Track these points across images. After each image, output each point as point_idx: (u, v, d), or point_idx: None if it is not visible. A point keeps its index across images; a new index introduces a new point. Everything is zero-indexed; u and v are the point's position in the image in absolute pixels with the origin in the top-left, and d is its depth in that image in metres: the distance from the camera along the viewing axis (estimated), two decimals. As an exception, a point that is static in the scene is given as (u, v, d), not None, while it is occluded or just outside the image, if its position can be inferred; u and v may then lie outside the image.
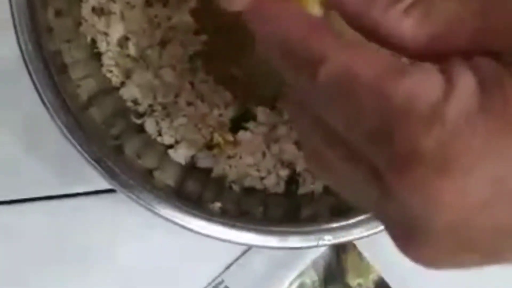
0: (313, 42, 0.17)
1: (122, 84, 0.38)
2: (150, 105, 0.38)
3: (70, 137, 0.31)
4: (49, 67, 0.33)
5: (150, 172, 0.34)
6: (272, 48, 0.18)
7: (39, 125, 0.39)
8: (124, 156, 0.34)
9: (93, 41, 0.38)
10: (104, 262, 0.40)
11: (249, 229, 0.33)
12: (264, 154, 0.37)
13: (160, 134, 0.38)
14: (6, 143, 0.41)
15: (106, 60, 0.38)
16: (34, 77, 0.32)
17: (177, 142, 0.38)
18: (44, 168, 0.41)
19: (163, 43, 0.37)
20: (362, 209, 0.34)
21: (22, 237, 0.41)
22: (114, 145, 0.34)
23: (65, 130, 0.32)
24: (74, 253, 0.41)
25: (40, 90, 0.32)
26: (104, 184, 0.40)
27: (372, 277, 0.40)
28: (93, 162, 0.32)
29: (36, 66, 0.32)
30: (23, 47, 0.32)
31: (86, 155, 0.32)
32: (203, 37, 0.37)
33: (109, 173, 0.32)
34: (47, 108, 0.32)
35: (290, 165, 0.38)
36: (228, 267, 0.40)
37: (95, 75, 0.37)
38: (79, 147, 0.32)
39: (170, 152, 0.37)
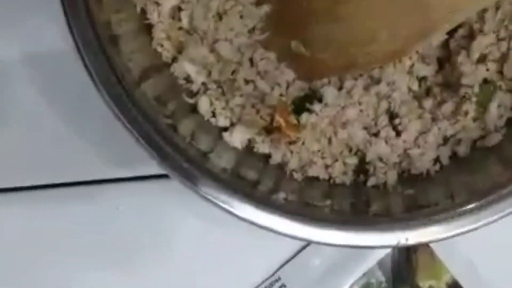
0: None
1: (174, 59, 0.35)
2: (204, 83, 0.35)
3: (118, 112, 0.28)
4: (100, 38, 0.29)
5: (204, 154, 0.31)
6: None
7: (86, 106, 0.36)
8: (177, 137, 0.30)
9: (143, 12, 0.34)
10: (154, 255, 0.38)
11: (313, 223, 0.30)
12: (330, 140, 0.34)
13: (214, 115, 0.34)
14: (52, 124, 0.38)
15: (157, 33, 0.34)
16: (81, 47, 0.29)
17: (232, 124, 0.34)
18: (92, 152, 0.38)
19: (219, 15, 0.34)
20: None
21: (65, 222, 0.38)
22: (167, 124, 0.30)
23: (114, 106, 0.28)
24: (119, 243, 0.38)
25: (88, 63, 0.29)
26: (153, 169, 0.37)
27: (446, 279, 0.36)
28: (143, 141, 0.29)
29: (86, 37, 0.29)
30: (71, 17, 0.29)
31: (136, 133, 0.28)
32: (264, 9, 0.34)
33: (160, 154, 0.29)
34: (94, 82, 0.29)
35: (359, 153, 0.34)
36: (285, 264, 0.37)
37: (145, 49, 0.34)
38: (128, 125, 0.29)
39: (225, 135, 0.34)
